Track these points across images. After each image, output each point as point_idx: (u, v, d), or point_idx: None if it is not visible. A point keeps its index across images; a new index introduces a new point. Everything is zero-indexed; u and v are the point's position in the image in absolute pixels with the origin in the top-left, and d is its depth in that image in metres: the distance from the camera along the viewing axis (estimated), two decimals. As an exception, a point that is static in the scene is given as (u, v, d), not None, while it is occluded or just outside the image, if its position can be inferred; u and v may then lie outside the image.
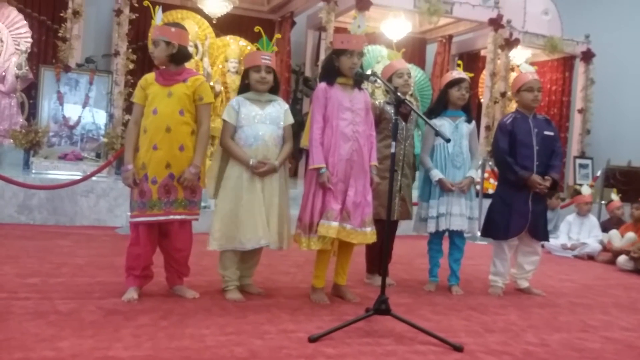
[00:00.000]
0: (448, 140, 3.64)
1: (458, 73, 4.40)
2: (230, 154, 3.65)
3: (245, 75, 3.76)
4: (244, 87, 3.76)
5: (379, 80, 3.68)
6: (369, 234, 3.70)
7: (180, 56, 3.54)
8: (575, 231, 7.06)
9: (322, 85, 3.74)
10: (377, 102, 4.30)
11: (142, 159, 3.46)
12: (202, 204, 6.20)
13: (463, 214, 4.25)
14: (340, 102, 3.67)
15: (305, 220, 3.66)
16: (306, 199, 3.70)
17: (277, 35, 4.26)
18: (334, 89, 3.70)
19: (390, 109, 4.22)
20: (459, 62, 4.84)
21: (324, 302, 3.72)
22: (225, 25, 9.19)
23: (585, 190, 7.18)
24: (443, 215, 4.24)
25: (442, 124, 4.27)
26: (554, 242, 6.91)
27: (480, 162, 4.49)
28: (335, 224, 3.57)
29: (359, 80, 3.75)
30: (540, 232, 4.39)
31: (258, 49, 3.75)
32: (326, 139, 3.66)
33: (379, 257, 4.28)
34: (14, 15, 7.93)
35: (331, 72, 3.75)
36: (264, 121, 3.66)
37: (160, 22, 3.59)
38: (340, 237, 3.60)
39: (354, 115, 3.69)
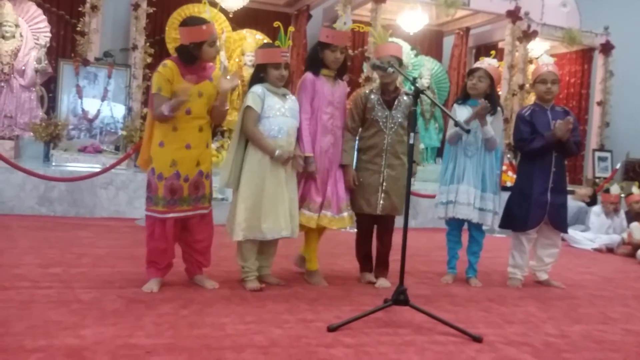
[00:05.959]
0: (468, 131, 3.61)
1: (480, 63, 4.37)
2: (255, 143, 3.61)
3: (261, 69, 3.68)
4: (258, 80, 3.69)
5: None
6: (347, 218, 3.89)
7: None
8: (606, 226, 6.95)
9: (309, 76, 3.84)
10: (362, 92, 4.15)
11: (172, 156, 3.43)
12: (220, 196, 6.24)
13: (470, 204, 4.17)
14: (325, 96, 3.80)
15: None
16: None
17: (291, 29, 4.27)
18: (320, 81, 3.83)
19: (373, 98, 4.01)
20: (492, 52, 4.96)
21: (323, 284, 3.90)
22: (242, 19, 9.21)
23: (615, 189, 7.01)
24: (452, 203, 4.23)
25: (462, 112, 4.23)
26: (581, 234, 6.82)
27: (499, 146, 4.42)
28: (315, 215, 3.76)
29: (342, 72, 3.92)
30: (560, 223, 4.36)
31: (278, 46, 3.71)
32: (311, 130, 3.80)
33: (362, 251, 4.24)
34: (33, 10, 7.99)
35: (316, 63, 3.87)
36: (286, 114, 3.66)
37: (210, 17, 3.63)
38: (323, 224, 3.79)
39: (334, 109, 3.86)
